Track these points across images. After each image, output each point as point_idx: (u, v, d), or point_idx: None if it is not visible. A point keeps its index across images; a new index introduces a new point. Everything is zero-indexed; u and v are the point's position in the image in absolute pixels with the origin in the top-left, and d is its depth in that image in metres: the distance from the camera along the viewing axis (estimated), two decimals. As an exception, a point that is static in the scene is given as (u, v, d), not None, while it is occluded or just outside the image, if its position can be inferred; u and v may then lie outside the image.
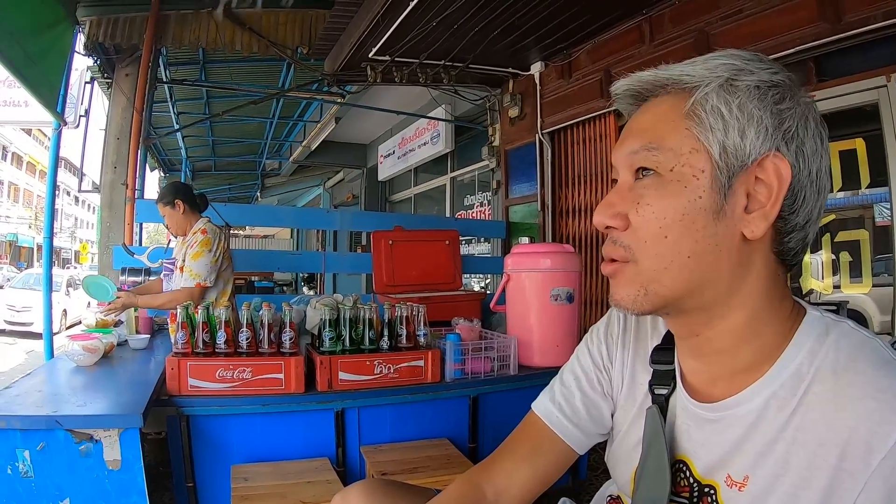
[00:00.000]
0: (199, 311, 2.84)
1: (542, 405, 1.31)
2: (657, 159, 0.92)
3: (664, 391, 1.08)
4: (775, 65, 0.91)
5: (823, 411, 0.82)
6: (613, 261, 0.97)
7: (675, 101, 0.93)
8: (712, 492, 0.96)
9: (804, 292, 3.75)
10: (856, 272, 3.50)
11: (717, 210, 0.88)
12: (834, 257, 3.60)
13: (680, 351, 1.07)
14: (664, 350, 1.12)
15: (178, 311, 2.85)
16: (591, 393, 1.27)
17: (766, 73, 0.89)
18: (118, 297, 3.78)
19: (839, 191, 3.58)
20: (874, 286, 3.43)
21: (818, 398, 0.84)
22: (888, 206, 3.35)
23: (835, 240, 3.60)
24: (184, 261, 3.81)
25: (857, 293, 3.49)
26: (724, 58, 0.91)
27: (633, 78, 0.99)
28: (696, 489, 0.99)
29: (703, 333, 0.97)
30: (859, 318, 3.48)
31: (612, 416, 1.26)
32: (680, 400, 1.05)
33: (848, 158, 3.53)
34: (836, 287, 3.60)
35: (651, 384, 1.12)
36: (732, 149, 0.87)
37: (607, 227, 0.97)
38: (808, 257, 3.71)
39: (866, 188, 3.46)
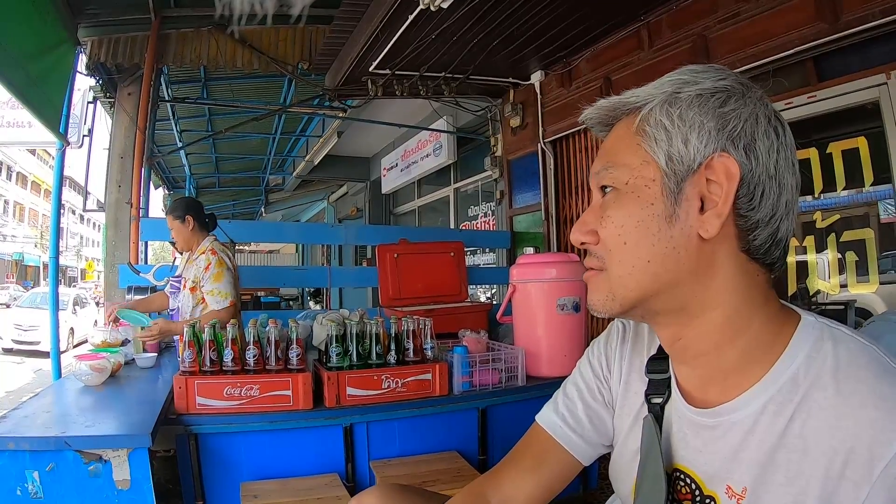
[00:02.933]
0: (206, 330, 2.84)
1: (546, 416, 1.33)
2: (614, 175, 0.99)
3: (659, 400, 1.10)
4: (725, 72, 0.96)
5: (825, 419, 0.83)
6: (590, 269, 1.03)
7: (628, 120, 1.00)
8: (713, 503, 0.97)
9: (811, 293, 3.74)
10: (862, 271, 3.50)
11: (670, 214, 0.93)
12: (840, 256, 3.59)
13: (672, 358, 1.09)
14: (659, 360, 1.13)
15: (185, 329, 2.85)
16: (593, 403, 1.28)
17: (711, 81, 0.94)
18: (155, 324, 3.78)
19: (843, 190, 3.58)
20: (881, 284, 3.42)
21: (819, 405, 0.85)
22: (892, 203, 3.35)
23: (840, 239, 3.59)
24: (194, 281, 3.83)
25: (865, 292, 3.48)
26: (676, 74, 0.97)
27: (594, 107, 1.06)
28: (697, 498, 1.00)
29: (684, 336, 1.00)
30: (868, 316, 3.47)
31: (613, 424, 1.27)
32: (676, 407, 1.06)
33: (851, 157, 3.54)
34: (843, 287, 3.59)
35: (647, 394, 1.13)
36: (677, 156, 0.92)
37: (582, 243, 1.03)
38: (813, 257, 3.71)
39: (870, 186, 3.45)
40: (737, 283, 0.94)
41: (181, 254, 4.29)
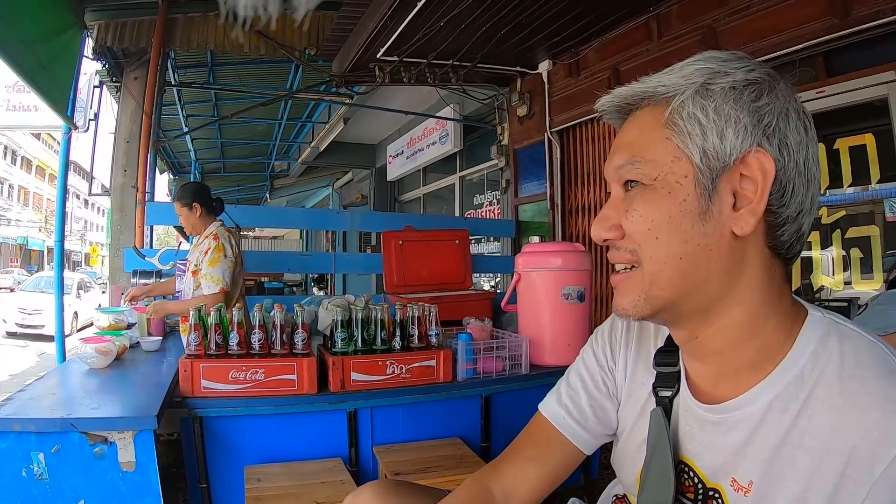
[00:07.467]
0: (212, 314, 2.86)
1: (549, 407, 1.32)
2: (641, 171, 0.94)
3: (668, 393, 1.09)
4: (753, 62, 0.92)
5: (829, 417, 0.83)
6: (620, 270, 1.00)
7: (654, 111, 0.95)
8: (717, 496, 0.97)
9: (815, 289, 3.74)
10: (867, 268, 3.49)
11: (704, 211, 0.90)
12: (844, 253, 3.58)
13: (683, 354, 1.08)
14: (668, 352, 1.12)
15: (191, 313, 2.87)
16: (597, 394, 1.28)
17: (742, 73, 0.90)
18: (152, 305, 3.92)
19: (849, 186, 3.57)
20: (885, 282, 3.41)
21: (823, 403, 0.84)
22: (899, 202, 3.34)
23: (845, 236, 3.58)
24: (196, 265, 3.86)
25: (868, 289, 3.47)
26: (701, 62, 0.93)
27: (612, 94, 1.01)
28: (700, 491, 1.00)
29: (702, 334, 0.98)
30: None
31: (617, 415, 1.27)
32: (684, 401, 1.06)
33: (858, 154, 3.52)
34: (847, 283, 3.58)
35: (655, 386, 1.12)
36: (713, 151, 0.89)
37: (605, 240, 1.00)
38: (818, 253, 3.71)
39: (876, 183, 3.44)
40: (760, 280, 0.93)
41: (187, 239, 4.33)
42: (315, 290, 15.04)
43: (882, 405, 0.79)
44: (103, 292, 18.37)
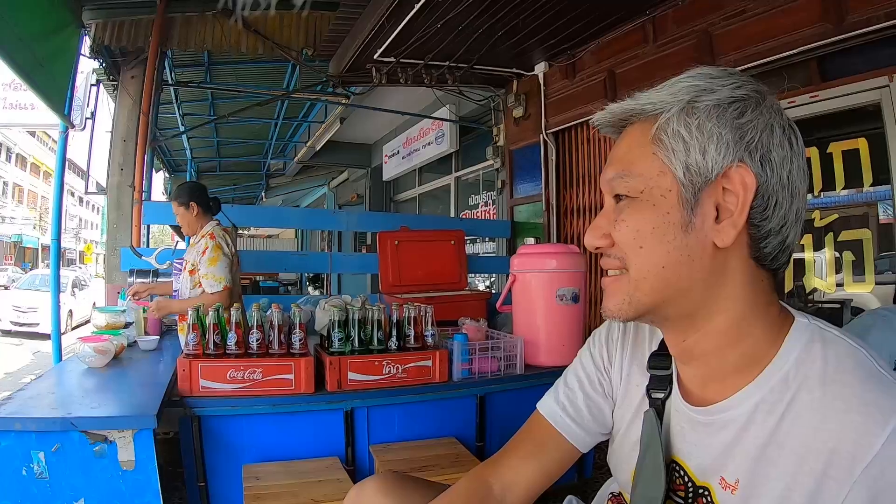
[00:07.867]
0: (210, 313, 2.87)
1: (547, 406, 1.36)
2: (629, 185, 0.99)
3: (661, 395, 1.13)
4: (742, 79, 0.96)
5: (811, 419, 0.86)
6: (610, 273, 1.04)
7: (643, 127, 1.00)
8: (707, 493, 1.00)
9: (807, 291, 3.76)
10: (859, 270, 3.52)
11: (686, 223, 0.94)
12: (837, 255, 3.61)
13: (674, 357, 1.11)
14: (661, 356, 1.16)
15: (189, 313, 2.88)
16: (594, 394, 1.31)
17: (729, 90, 0.94)
18: (154, 302, 3.93)
19: (842, 189, 3.59)
20: (877, 284, 3.44)
21: (806, 406, 0.88)
22: (891, 205, 3.36)
23: (838, 239, 3.61)
24: (193, 264, 3.87)
25: (861, 292, 3.50)
26: (690, 79, 0.97)
27: (606, 111, 1.06)
28: (690, 489, 1.03)
29: (689, 338, 1.02)
30: (863, 316, 3.50)
31: (613, 415, 1.30)
32: (675, 403, 1.10)
33: (851, 158, 3.55)
34: (840, 286, 3.61)
35: (648, 388, 1.16)
36: (695, 167, 0.93)
37: (597, 248, 1.04)
38: (811, 255, 3.73)
39: (869, 187, 3.47)
40: (745, 290, 0.97)
41: (183, 238, 4.33)
42: (310, 289, 15.05)
43: (861, 408, 0.82)
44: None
